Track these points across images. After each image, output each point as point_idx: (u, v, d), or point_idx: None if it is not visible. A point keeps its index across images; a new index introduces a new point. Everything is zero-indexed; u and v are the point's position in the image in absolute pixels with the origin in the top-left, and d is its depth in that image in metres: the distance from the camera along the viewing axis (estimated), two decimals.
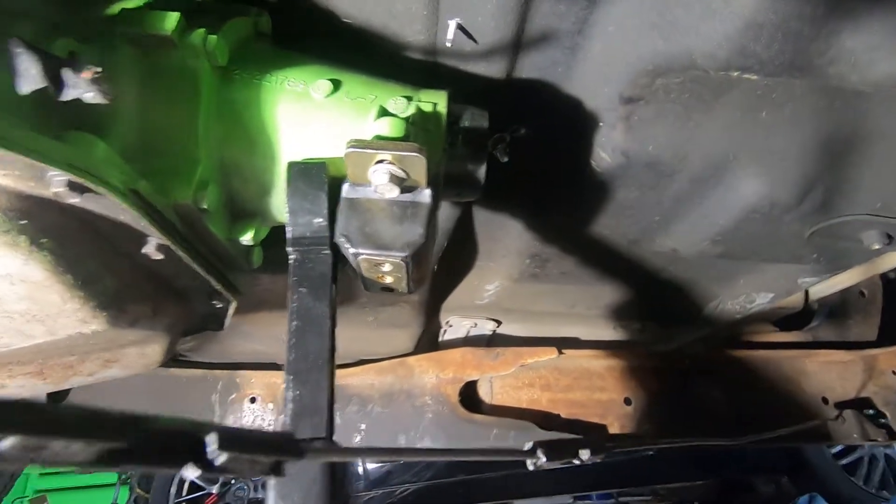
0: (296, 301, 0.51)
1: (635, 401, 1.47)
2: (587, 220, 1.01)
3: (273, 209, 0.61)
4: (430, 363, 1.43)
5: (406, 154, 0.49)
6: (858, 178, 0.85)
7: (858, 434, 1.45)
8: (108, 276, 0.50)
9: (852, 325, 1.72)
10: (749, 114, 0.76)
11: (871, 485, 3.42)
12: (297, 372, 0.48)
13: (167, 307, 0.61)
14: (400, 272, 0.54)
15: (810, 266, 1.12)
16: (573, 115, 0.80)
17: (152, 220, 0.47)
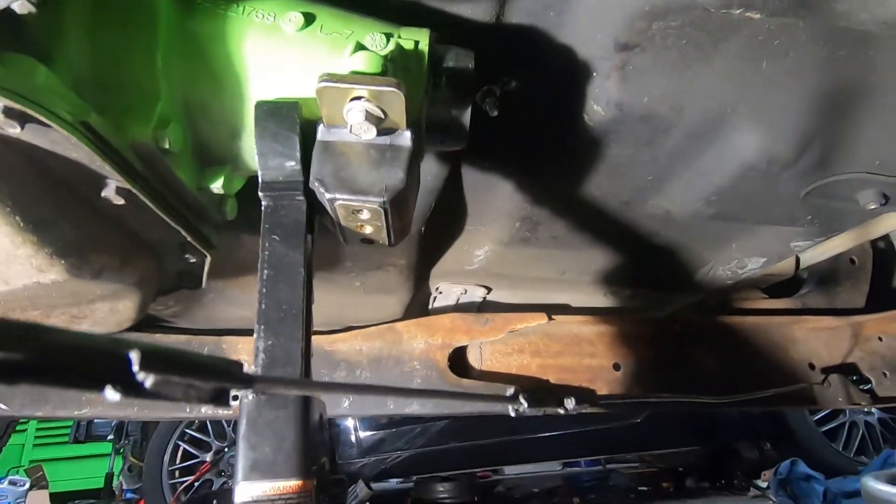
0: (267, 249, 0.48)
1: (624, 366, 1.46)
2: (579, 179, 0.99)
3: (245, 154, 0.58)
4: (419, 329, 1.42)
5: (383, 89, 0.46)
6: (858, 134, 0.82)
7: (843, 398, 1.47)
8: (64, 222, 0.47)
9: (841, 293, 1.73)
10: (749, 63, 0.73)
11: (850, 450, 3.52)
12: (269, 322, 0.46)
13: (136, 260, 0.58)
14: (379, 220, 0.51)
15: (804, 228, 1.11)
16: (565, 65, 0.77)
17: (108, 159, 0.43)
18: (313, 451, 0.44)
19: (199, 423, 3.67)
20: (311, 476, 0.42)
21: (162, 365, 0.21)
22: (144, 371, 0.21)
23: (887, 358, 1.61)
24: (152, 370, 0.21)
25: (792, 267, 1.59)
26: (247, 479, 0.40)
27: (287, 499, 0.40)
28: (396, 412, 1.34)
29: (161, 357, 0.21)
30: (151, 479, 3.52)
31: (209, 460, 3.55)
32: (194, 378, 0.23)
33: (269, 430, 0.42)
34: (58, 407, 1.26)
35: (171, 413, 1.33)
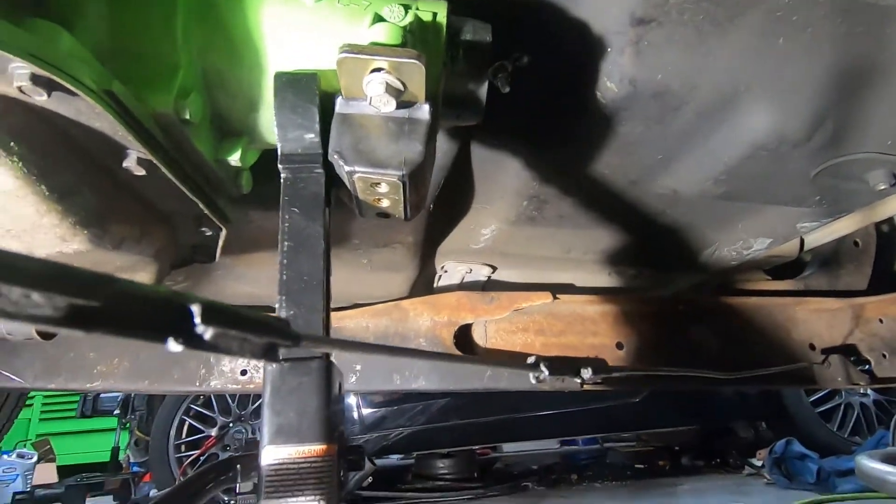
0: (287, 221, 0.49)
1: (627, 345, 1.48)
2: (588, 157, 0.98)
3: (261, 127, 0.58)
4: (425, 306, 1.43)
5: (404, 61, 0.46)
6: (871, 113, 0.82)
7: (842, 378, 1.49)
8: (87, 191, 0.47)
9: (843, 275, 1.74)
10: (766, 39, 0.72)
11: (845, 431, 3.58)
12: (290, 292, 0.46)
13: (154, 231, 0.58)
14: (397, 194, 0.52)
15: (811, 209, 1.11)
16: (579, 40, 0.76)
17: (131, 129, 0.44)
18: (335, 418, 0.45)
19: (204, 399, 3.72)
20: (333, 441, 0.44)
21: (219, 319, 0.22)
22: (205, 324, 0.22)
23: (887, 339, 1.63)
24: (212, 323, 0.22)
25: (796, 249, 1.59)
26: (272, 442, 0.41)
27: (312, 462, 0.42)
28: (403, 387, 1.36)
29: (219, 311, 0.22)
30: (158, 452, 3.59)
31: (215, 435, 3.62)
32: (249, 333, 0.24)
33: (293, 396, 0.43)
34: (69, 379, 1.28)
35: (181, 387, 1.35)
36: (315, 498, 0.41)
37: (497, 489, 3.77)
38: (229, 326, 0.22)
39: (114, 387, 1.33)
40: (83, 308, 0.18)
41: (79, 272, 0.18)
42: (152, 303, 0.20)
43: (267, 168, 0.71)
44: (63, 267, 0.18)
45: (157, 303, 0.20)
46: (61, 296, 0.17)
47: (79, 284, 0.17)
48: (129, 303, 0.19)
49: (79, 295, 0.17)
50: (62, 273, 0.17)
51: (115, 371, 1.30)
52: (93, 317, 0.18)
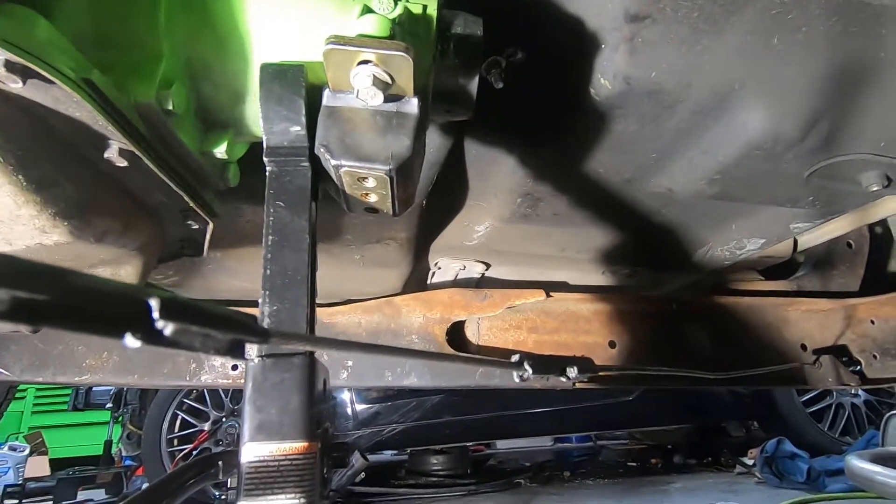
0: (272, 215, 0.48)
1: (619, 344, 1.48)
2: (582, 155, 0.98)
3: (248, 119, 0.57)
4: (418, 303, 1.43)
5: (392, 53, 0.45)
6: (865, 114, 0.82)
7: (833, 379, 1.50)
8: (67, 183, 0.46)
9: (836, 276, 1.74)
10: (761, 38, 0.72)
11: (836, 430, 3.60)
12: (274, 287, 0.46)
13: (139, 225, 0.57)
14: (384, 188, 0.51)
15: (804, 210, 1.11)
16: (573, 36, 0.75)
17: (111, 119, 0.43)
18: (318, 415, 0.45)
19: (197, 393, 3.71)
20: (316, 438, 0.43)
21: (181, 314, 0.21)
22: (164, 319, 0.21)
23: (878, 341, 1.63)
24: (172, 318, 0.21)
25: (789, 249, 1.60)
26: (253, 439, 0.41)
27: (293, 459, 0.41)
28: (394, 384, 1.35)
29: (180, 306, 0.21)
30: (150, 446, 3.58)
31: (207, 429, 3.61)
32: (212, 328, 0.23)
33: (275, 392, 0.42)
34: (58, 373, 1.27)
35: (171, 381, 1.34)
36: (296, 496, 0.40)
37: (490, 486, 3.78)
38: (191, 322, 0.22)
39: (103, 381, 1.32)
40: (29, 301, 0.17)
41: (25, 264, 0.17)
42: (108, 297, 0.20)
43: (257, 161, 0.70)
44: (7, 258, 0.17)
45: (113, 297, 0.20)
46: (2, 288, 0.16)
47: (23, 276, 0.17)
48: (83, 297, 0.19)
49: (23, 287, 0.17)
50: (5, 263, 0.17)
51: (104, 365, 1.29)
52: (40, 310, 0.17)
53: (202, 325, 0.22)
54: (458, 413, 3.58)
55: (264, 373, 0.43)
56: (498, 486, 3.80)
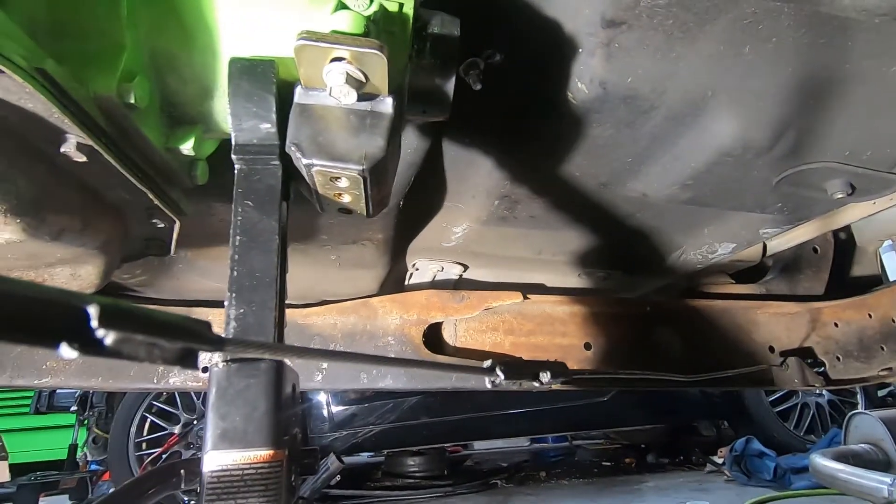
0: (240, 215, 0.47)
1: (595, 346, 1.50)
2: (559, 159, 0.98)
3: (216, 115, 0.55)
4: (394, 304, 1.41)
5: (365, 51, 0.44)
6: (831, 124, 0.84)
7: (799, 380, 1.54)
8: (20, 179, 0.44)
9: (803, 280, 1.80)
10: (732, 47, 0.73)
11: (801, 429, 3.72)
12: (241, 289, 0.44)
13: (99, 222, 0.55)
14: (358, 189, 0.50)
15: (773, 216, 1.14)
16: (551, 40, 0.75)
17: (67, 111, 0.41)
18: (285, 422, 0.43)
19: (167, 396, 3.61)
20: (282, 446, 0.42)
21: (124, 321, 0.20)
22: (104, 327, 0.19)
23: (841, 343, 1.69)
24: (113, 327, 0.20)
25: (759, 254, 1.64)
26: (216, 448, 0.39)
27: (258, 468, 0.40)
28: (370, 386, 1.34)
29: (123, 313, 0.20)
30: (117, 450, 3.46)
31: (177, 432, 3.52)
32: (159, 337, 0.22)
33: (240, 399, 0.41)
34: (15, 375, 1.21)
35: (137, 384, 1.30)
36: None
37: (467, 487, 3.78)
38: (134, 330, 0.20)
39: (65, 384, 1.27)
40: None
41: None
42: (39, 303, 0.18)
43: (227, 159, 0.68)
44: None
45: (45, 304, 0.18)
46: None
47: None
48: (12, 303, 0.17)
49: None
50: None
51: (66, 367, 1.24)
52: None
53: (148, 334, 0.21)
54: (435, 414, 3.57)
55: (228, 378, 0.41)
56: (474, 487, 3.80)
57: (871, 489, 1.91)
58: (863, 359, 1.68)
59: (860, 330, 1.72)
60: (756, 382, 1.54)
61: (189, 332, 0.23)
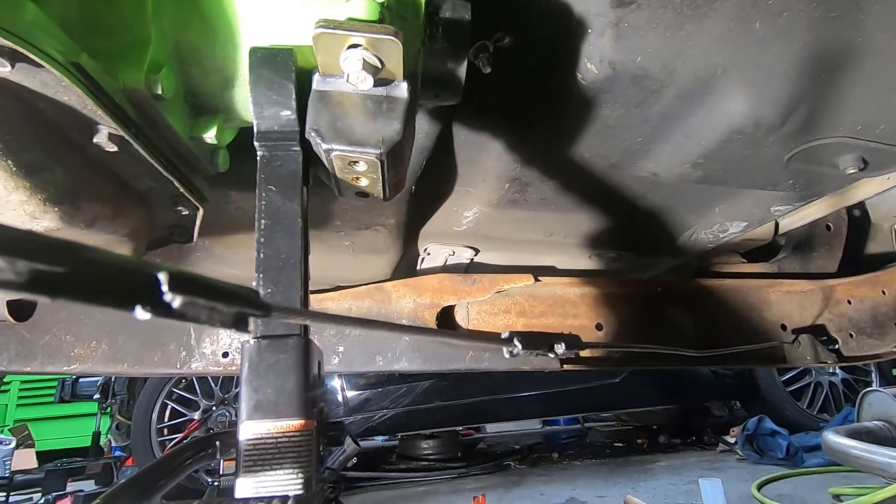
0: (264, 199, 0.49)
1: (606, 326, 1.51)
2: (569, 140, 0.99)
3: (237, 104, 0.57)
4: (408, 288, 1.44)
5: (381, 37, 0.45)
6: (843, 98, 0.84)
7: (811, 357, 1.55)
8: (57, 168, 0.46)
9: (815, 258, 1.79)
10: (742, 24, 0.73)
11: (814, 408, 3.72)
12: (268, 270, 0.46)
13: (129, 210, 0.57)
14: (375, 172, 0.52)
15: (785, 193, 1.14)
16: (560, 21, 0.76)
17: (100, 103, 0.43)
18: (313, 394, 0.46)
19: (186, 383, 3.70)
20: (311, 416, 0.44)
21: (189, 287, 0.22)
22: (173, 292, 0.22)
23: (854, 320, 1.69)
24: (180, 291, 0.22)
25: (770, 232, 1.63)
26: (250, 418, 0.42)
27: (290, 437, 0.42)
28: (385, 369, 1.37)
29: (188, 280, 0.22)
30: (140, 436, 3.57)
31: (197, 418, 3.61)
32: (218, 301, 0.24)
33: (271, 373, 0.43)
34: (46, 362, 1.26)
35: (161, 369, 1.34)
36: (293, 472, 0.41)
37: (480, 468, 3.85)
38: (198, 295, 0.22)
39: (92, 370, 1.32)
40: (47, 274, 0.18)
41: (43, 238, 0.18)
42: (119, 270, 0.20)
43: (246, 147, 0.70)
44: (27, 233, 0.17)
45: (125, 271, 0.20)
46: (24, 260, 0.17)
47: (43, 250, 0.17)
48: (96, 270, 0.19)
49: (42, 260, 0.17)
50: (25, 238, 0.17)
51: (92, 354, 1.28)
52: (57, 283, 0.18)
53: (208, 299, 0.23)
54: (447, 398, 3.62)
55: (260, 354, 0.44)
56: (488, 469, 3.87)
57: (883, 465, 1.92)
58: (876, 335, 1.68)
59: (874, 307, 1.72)
60: (768, 360, 1.55)
61: (242, 298, 0.26)
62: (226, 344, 1.40)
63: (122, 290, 0.20)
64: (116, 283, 0.20)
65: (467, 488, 3.32)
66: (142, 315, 0.21)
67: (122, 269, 0.20)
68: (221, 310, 0.24)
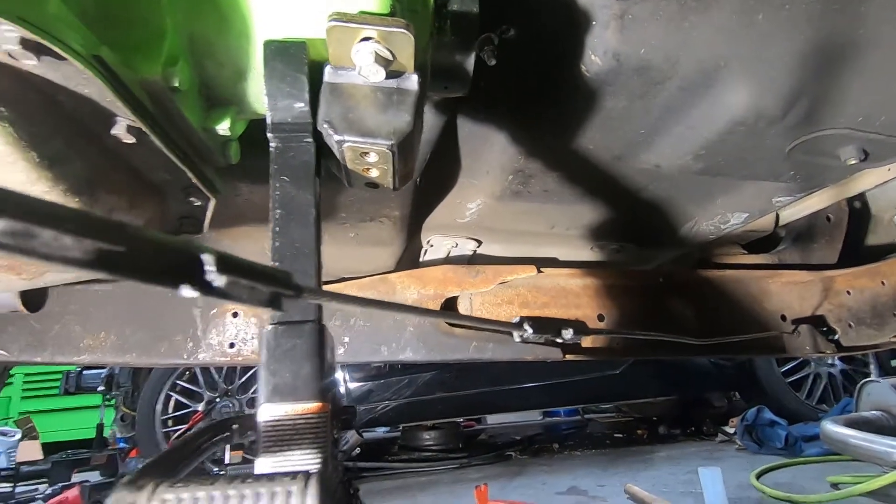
0: (278, 190, 0.50)
1: (608, 317, 1.53)
2: (573, 132, 1.00)
3: (250, 96, 0.58)
4: (412, 280, 1.45)
5: (393, 30, 0.46)
6: (844, 90, 0.85)
7: (810, 347, 1.56)
8: (77, 159, 0.47)
9: (816, 249, 1.80)
10: (745, 16, 0.74)
11: (813, 399, 3.75)
12: (283, 258, 0.48)
13: (143, 201, 0.59)
14: (386, 163, 0.53)
15: (786, 184, 1.15)
16: (564, 13, 0.77)
17: (119, 95, 0.44)
18: (328, 379, 0.47)
19: (189, 375, 3.73)
20: (327, 399, 0.46)
21: (231, 268, 0.23)
22: (218, 272, 0.23)
23: (853, 311, 1.70)
24: (223, 272, 0.23)
25: (771, 223, 1.65)
26: (269, 400, 0.43)
27: (307, 418, 0.44)
28: (390, 359, 1.39)
29: (231, 261, 0.23)
30: (145, 428, 3.60)
31: (202, 410, 3.64)
32: (257, 282, 0.25)
33: (288, 358, 0.44)
34: (56, 353, 1.28)
35: (169, 360, 1.36)
36: (310, 451, 0.43)
37: (481, 458, 3.89)
38: (239, 275, 0.24)
39: (101, 360, 1.34)
40: (109, 252, 0.19)
41: (104, 219, 0.19)
42: (169, 250, 0.22)
43: (254, 139, 0.71)
44: (89, 214, 0.19)
45: (174, 251, 0.22)
46: (89, 239, 0.18)
47: (105, 229, 0.19)
48: (149, 249, 0.21)
49: (105, 239, 0.19)
50: (89, 219, 0.19)
51: (101, 345, 1.30)
52: (117, 261, 0.19)
53: (249, 279, 0.24)
54: (449, 389, 3.65)
55: (277, 340, 0.45)
56: (489, 459, 3.91)
57: (881, 454, 1.95)
58: (875, 325, 1.69)
59: (873, 297, 1.73)
60: (768, 350, 1.57)
61: (278, 280, 0.27)
62: (232, 335, 1.42)
63: (172, 270, 0.22)
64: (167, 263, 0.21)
65: (469, 478, 3.35)
66: (187, 293, 0.23)
67: (172, 249, 0.22)
68: (259, 289, 0.25)
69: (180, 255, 0.22)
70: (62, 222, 0.17)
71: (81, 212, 0.19)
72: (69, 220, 0.18)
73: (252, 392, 3.69)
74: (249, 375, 3.72)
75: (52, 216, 0.17)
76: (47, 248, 0.17)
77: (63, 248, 0.17)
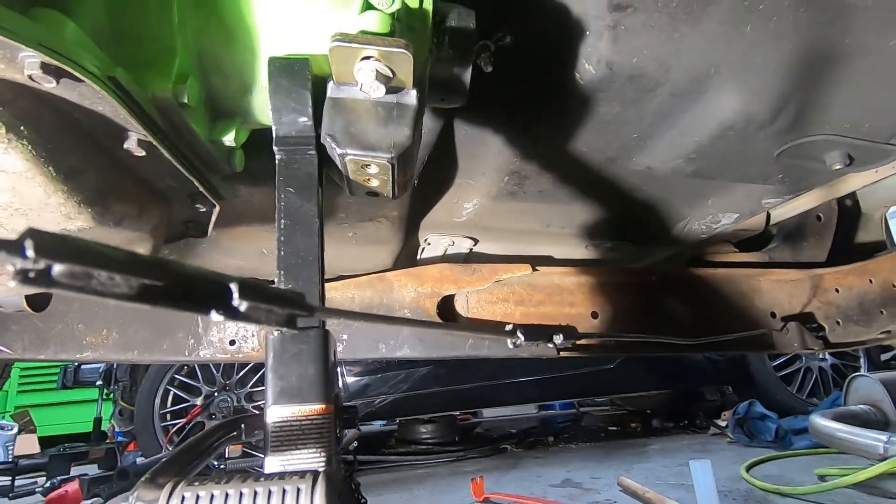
0: (283, 201, 0.52)
1: (602, 314, 1.56)
2: (567, 135, 1.02)
3: (254, 109, 0.60)
4: (409, 278, 1.48)
5: (393, 50, 0.48)
6: (830, 97, 0.87)
7: (798, 343, 1.60)
8: (91, 172, 0.49)
9: (806, 247, 1.84)
10: (734, 27, 0.76)
11: (804, 393, 3.81)
12: (288, 267, 0.50)
13: (151, 208, 0.61)
14: (386, 174, 0.55)
15: (775, 186, 1.18)
16: (559, 23, 0.79)
17: (132, 112, 0.46)
18: (331, 381, 0.50)
19: (188, 370, 3.75)
20: (331, 401, 0.48)
21: (253, 294, 0.26)
22: (242, 299, 0.25)
23: (841, 308, 1.74)
24: (246, 298, 0.26)
25: (762, 222, 1.68)
26: (277, 402, 0.46)
27: (312, 419, 0.46)
28: (388, 356, 1.41)
29: (253, 288, 0.26)
30: (143, 422, 3.63)
31: (199, 404, 3.67)
32: (274, 305, 0.28)
33: (294, 362, 0.47)
34: (59, 350, 1.30)
35: (170, 356, 1.38)
36: (316, 451, 0.46)
37: (477, 451, 3.93)
38: (260, 301, 0.26)
39: (103, 357, 1.36)
40: (151, 287, 0.21)
41: (146, 259, 0.22)
42: (200, 282, 0.24)
43: (253, 144, 0.73)
44: (135, 254, 0.21)
45: (204, 281, 0.24)
46: (135, 277, 0.20)
47: (147, 268, 0.21)
48: (183, 282, 0.23)
49: (148, 276, 0.21)
50: (135, 260, 0.21)
51: (104, 342, 1.32)
52: (157, 294, 0.22)
53: (268, 303, 0.27)
54: (445, 383, 3.69)
55: (283, 345, 0.48)
56: (485, 452, 3.95)
57: (867, 447, 2.00)
58: (862, 322, 1.73)
59: (861, 295, 1.77)
60: (758, 346, 1.60)
61: (293, 302, 0.29)
62: (232, 332, 1.44)
63: (202, 298, 0.24)
64: (198, 292, 0.24)
65: (465, 470, 3.40)
66: (216, 318, 0.25)
67: (202, 280, 0.24)
68: (277, 311, 0.28)
69: (211, 285, 0.25)
70: (113, 264, 0.19)
71: (129, 253, 0.21)
72: (118, 262, 0.20)
73: (250, 386, 3.72)
74: (247, 370, 3.75)
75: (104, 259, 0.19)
76: (102, 286, 0.19)
77: (113, 286, 0.20)
